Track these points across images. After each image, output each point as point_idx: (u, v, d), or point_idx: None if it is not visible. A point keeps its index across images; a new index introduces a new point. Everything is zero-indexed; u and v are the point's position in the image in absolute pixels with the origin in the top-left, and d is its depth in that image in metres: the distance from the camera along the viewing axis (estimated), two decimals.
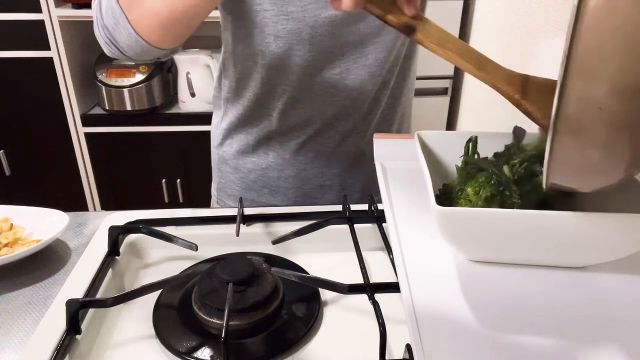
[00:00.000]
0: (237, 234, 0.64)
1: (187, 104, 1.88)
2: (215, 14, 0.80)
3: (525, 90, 0.47)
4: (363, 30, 0.73)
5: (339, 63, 0.74)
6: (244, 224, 0.67)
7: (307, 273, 0.61)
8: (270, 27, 0.70)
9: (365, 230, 0.66)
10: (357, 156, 0.83)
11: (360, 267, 0.56)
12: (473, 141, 0.54)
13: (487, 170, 0.50)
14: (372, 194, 0.69)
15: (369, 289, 0.51)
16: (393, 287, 0.50)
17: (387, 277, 0.59)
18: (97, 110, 1.89)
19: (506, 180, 0.48)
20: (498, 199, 0.48)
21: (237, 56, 0.77)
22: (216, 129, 0.88)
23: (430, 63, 1.90)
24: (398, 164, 0.63)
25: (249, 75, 0.77)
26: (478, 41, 1.72)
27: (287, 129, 0.79)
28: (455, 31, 1.80)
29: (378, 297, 0.50)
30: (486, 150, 0.55)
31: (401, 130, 0.87)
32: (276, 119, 0.79)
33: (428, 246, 0.50)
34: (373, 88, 0.77)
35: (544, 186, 0.40)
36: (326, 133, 0.80)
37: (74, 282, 0.55)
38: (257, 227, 0.68)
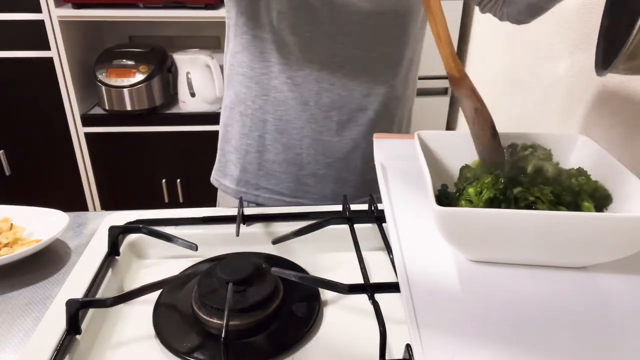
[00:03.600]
0: (237, 234, 0.64)
1: (187, 104, 1.87)
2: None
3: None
4: (367, 21, 0.73)
5: (340, 51, 0.75)
6: (244, 224, 0.67)
7: (307, 273, 0.61)
8: (275, 2, 0.71)
9: (365, 230, 0.66)
10: (354, 149, 0.82)
11: (360, 267, 0.56)
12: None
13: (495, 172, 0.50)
14: (372, 194, 0.69)
15: (369, 289, 0.51)
16: (393, 287, 0.50)
17: (387, 277, 0.59)
18: (97, 110, 1.89)
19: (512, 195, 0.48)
20: (499, 200, 0.48)
21: (238, 28, 0.77)
22: (223, 107, 0.88)
23: (430, 63, 1.90)
24: (398, 164, 0.63)
25: (246, 49, 0.77)
26: (478, 41, 1.72)
27: (283, 112, 0.79)
28: (455, 31, 1.80)
29: (378, 297, 0.50)
30: None
31: (401, 132, 0.87)
32: (273, 101, 0.79)
33: (428, 246, 0.50)
34: (370, 82, 0.78)
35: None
36: (323, 121, 0.79)
37: (74, 282, 0.55)
38: (257, 227, 0.68)
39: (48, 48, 1.75)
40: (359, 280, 0.53)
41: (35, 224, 0.68)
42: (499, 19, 0.85)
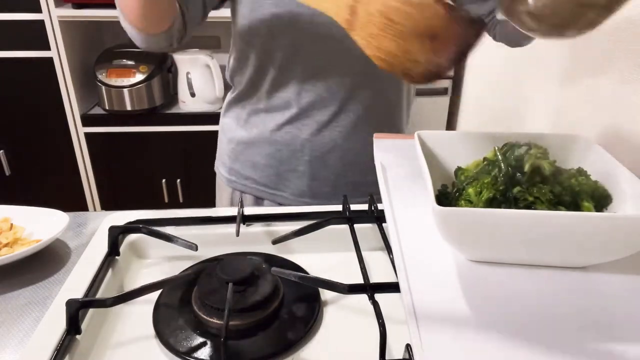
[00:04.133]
0: (237, 234, 0.64)
1: (187, 104, 1.87)
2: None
3: (352, 21, 0.45)
4: None
5: (322, 53, 0.77)
6: (244, 224, 0.67)
7: (307, 273, 0.61)
8: (258, 11, 0.75)
9: (365, 230, 0.66)
10: (332, 149, 0.84)
11: (360, 267, 0.56)
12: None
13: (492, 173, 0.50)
14: (372, 194, 0.69)
15: (369, 289, 0.51)
16: (393, 287, 0.50)
17: (387, 277, 0.59)
18: (97, 110, 1.89)
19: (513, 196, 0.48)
20: (499, 201, 0.48)
21: (236, 36, 0.81)
22: (225, 101, 0.93)
23: None
24: (398, 164, 0.63)
25: (245, 55, 0.81)
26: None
27: (269, 109, 0.83)
28: None
29: (378, 297, 0.50)
30: (486, 150, 0.55)
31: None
32: (263, 98, 0.83)
33: (428, 246, 0.50)
34: (354, 84, 0.79)
35: None
36: (303, 119, 0.82)
37: (74, 282, 0.55)
38: (257, 227, 0.68)
39: (48, 48, 1.75)
40: (359, 280, 0.53)
41: (35, 224, 0.68)
42: (492, 38, 0.87)
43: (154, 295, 0.56)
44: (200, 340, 0.50)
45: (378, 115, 0.84)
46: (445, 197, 0.53)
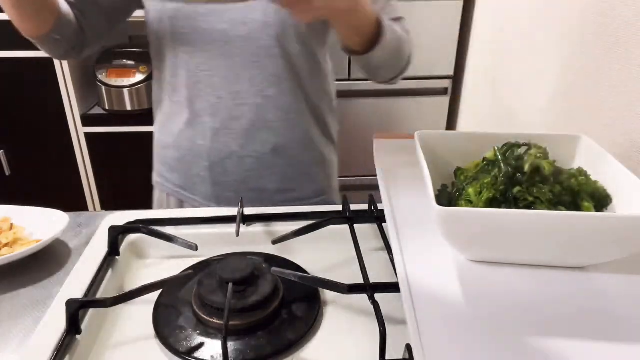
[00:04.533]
0: (237, 234, 0.64)
1: None
2: None
3: None
4: (229, 32, 0.76)
5: (205, 59, 0.77)
6: (244, 224, 0.67)
7: (307, 273, 0.61)
8: (149, 15, 0.78)
9: (365, 230, 0.66)
10: (230, 155, 0.83)
11: (360, 267, 0.56)
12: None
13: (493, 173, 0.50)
14: (372, 194, 0.69)
15: (369, 289, 0.51)
16: (393, 287, 0.50)
17: (387, 277, 0.59)
18: (97, 110, 1.89)
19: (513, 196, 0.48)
20: (499, 201, 0.48)
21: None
22: None
23: (430, 63, 1.90)
24: (398, 165, 0.63)
25: (153, 62, 0.85)
26: (478, 42, 1.72)
27: (171, 114, 0.84)
28: (455, 31, 1.80)
29: (378, 297, 0.50)
30: (486, 150, 0.55)
31: (302, 146, 0.85)
32: (167, 103, 0.84)
33: (428, 246, 0.50)
34: (239, 89, 0.79)
35: None
36: (196, 125, 0.82)
37: (74, 282, 0.55)
38: (257, 227, 0.68)
39: None
40: (359, 280, 0.53)
41: (35, 224, 0.68)
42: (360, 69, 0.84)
43: (154, 295, 0.56)
44: (200, 340, 0.50)
45: (272, 122, 0.81)
46: (445, 197, 0.53)
